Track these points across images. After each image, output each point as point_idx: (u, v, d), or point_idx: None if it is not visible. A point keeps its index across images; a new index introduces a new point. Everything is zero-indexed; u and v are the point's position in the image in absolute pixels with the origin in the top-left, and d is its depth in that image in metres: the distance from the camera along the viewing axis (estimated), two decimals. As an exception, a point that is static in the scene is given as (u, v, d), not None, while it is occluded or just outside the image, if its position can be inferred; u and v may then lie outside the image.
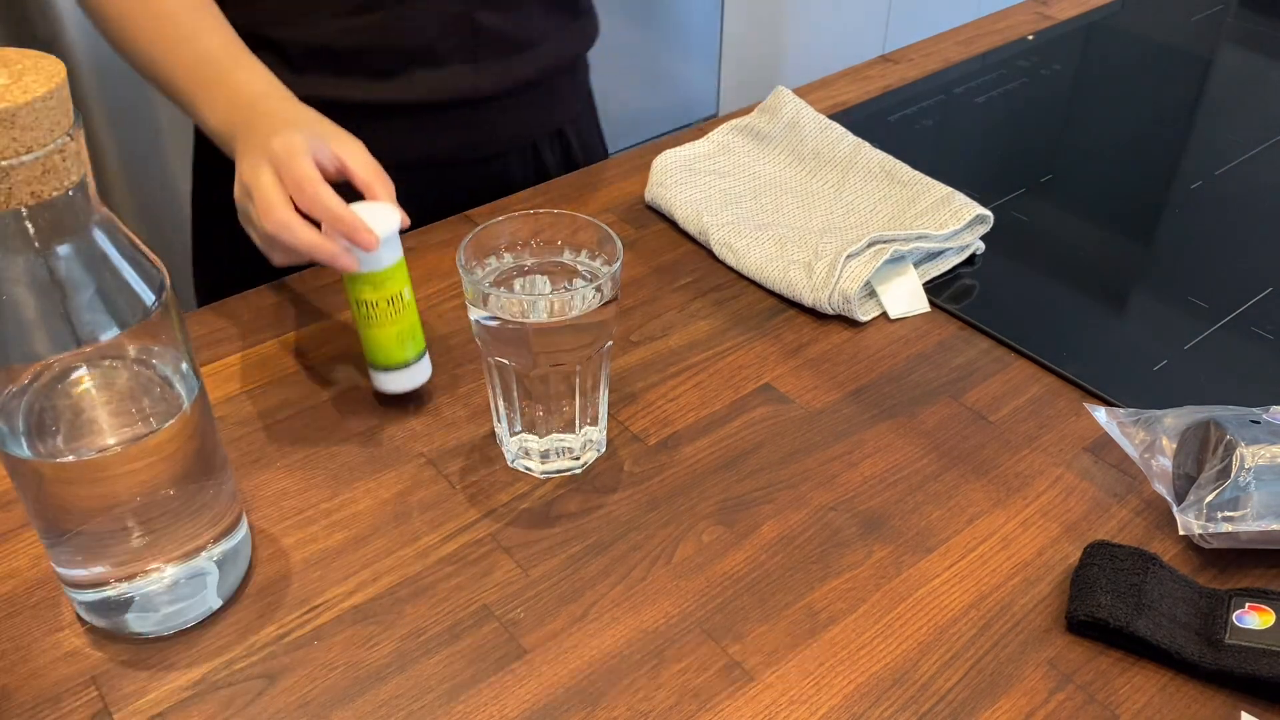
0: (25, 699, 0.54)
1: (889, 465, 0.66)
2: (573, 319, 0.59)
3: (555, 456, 0.65)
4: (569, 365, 0.61)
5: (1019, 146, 0.98)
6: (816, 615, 0.57)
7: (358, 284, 0.65)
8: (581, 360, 0.61)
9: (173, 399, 0.52)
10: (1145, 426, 0.63)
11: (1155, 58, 1.14)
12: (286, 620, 0.57)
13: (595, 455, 0.66)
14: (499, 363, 0.62)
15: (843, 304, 0.76)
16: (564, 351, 0.60)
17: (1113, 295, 0.80)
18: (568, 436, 0.64)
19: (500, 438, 0.66)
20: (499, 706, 0.53)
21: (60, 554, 0.54)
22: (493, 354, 0.61)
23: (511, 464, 0.66)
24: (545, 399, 0.62)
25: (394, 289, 0.65)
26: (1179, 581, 0.57)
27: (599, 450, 0.67)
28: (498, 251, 0.64)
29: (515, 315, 0.59)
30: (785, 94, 0.94)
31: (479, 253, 0.63)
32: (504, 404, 0.64)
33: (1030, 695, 0.54)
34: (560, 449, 0.65)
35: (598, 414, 0.65)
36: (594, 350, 0.61)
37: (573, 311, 0.59)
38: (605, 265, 0.63)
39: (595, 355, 0.62)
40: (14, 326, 0.46)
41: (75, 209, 0.45)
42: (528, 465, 0.65)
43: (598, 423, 0.65)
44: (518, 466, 0.66)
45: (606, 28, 0.97)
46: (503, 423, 0.65)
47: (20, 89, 0.42)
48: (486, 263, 0.64)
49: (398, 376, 0.68)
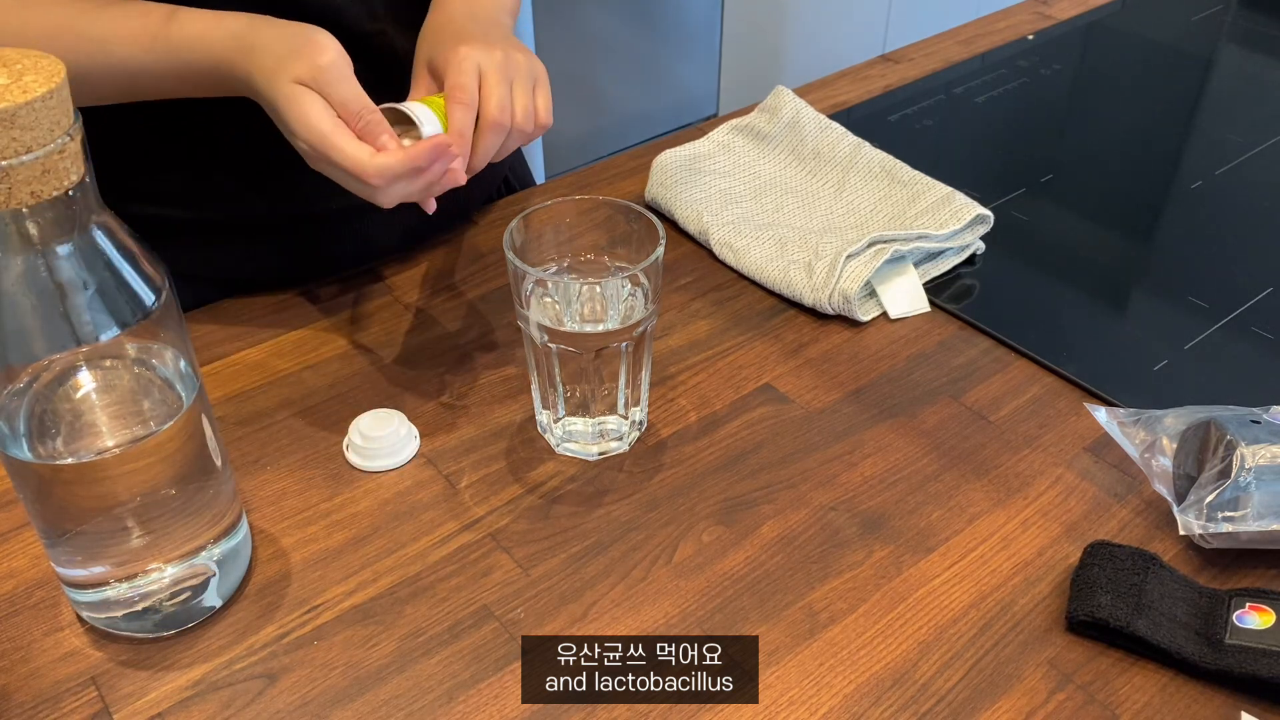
0: (25, 699, 0.54)
1: (889, 465, 0.66)
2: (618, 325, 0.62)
3: (602, 439, 0.66)
4: (615, 350, 0.62)
5: (1019, 146, 0.98)
6: (816, 615, 0.57)
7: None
8: (630, 342, 0.62)
9: (173, 399, 0.52)
10: (1145, 426, 0.63)
11: (1155, 58, 1.14)
12: (286, 620, 0.57)
13: (637, 435, 0.67)
14: (555, 349, 0.62)
15: (843, 304, 0.76)
16: (611, 339, 0.62)
17: (1113, 295, 0.80)
18: (611, 419, 0.65)
19: (544, 425, 0.67)
20: (499, 706, 0.53)
21: (60, 554, 0.54)
22: (551, 342, 0.62)
23: (558, 449, 0.67)
24: (596, 383, 0.63)
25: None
26: (1179, 581, 0.57)
27: (641, 429, 0.68)
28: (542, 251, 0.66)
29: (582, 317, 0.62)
30: (785, 94, 0.94)
31: (527, 254, 0.65)
32: (551, 391, 0.65)
33: (1030, 695, 0.54)
34: (605, 431, 0.66)
35: (641, 395, 0.66)
36: (639, 334, 0.63)
37: (612, 315, 0.62)
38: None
39: (641, 339, 0.63)
40: (14, 326, 0.46)
41: (75, 209, 0.45)
42: (573, 449, 0.67)
43: (640, 403, 0.66)
44: (564, 451, 0.67)
45: (607, 28, 0.97)
46: (548, 410, 0.66)
47: (20, 89, 0.42)
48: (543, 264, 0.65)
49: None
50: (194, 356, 0.53)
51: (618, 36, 2.26)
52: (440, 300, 0.79)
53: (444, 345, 0.75)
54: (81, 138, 0.44)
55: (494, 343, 0.75)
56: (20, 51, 0.44)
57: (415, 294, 0.80)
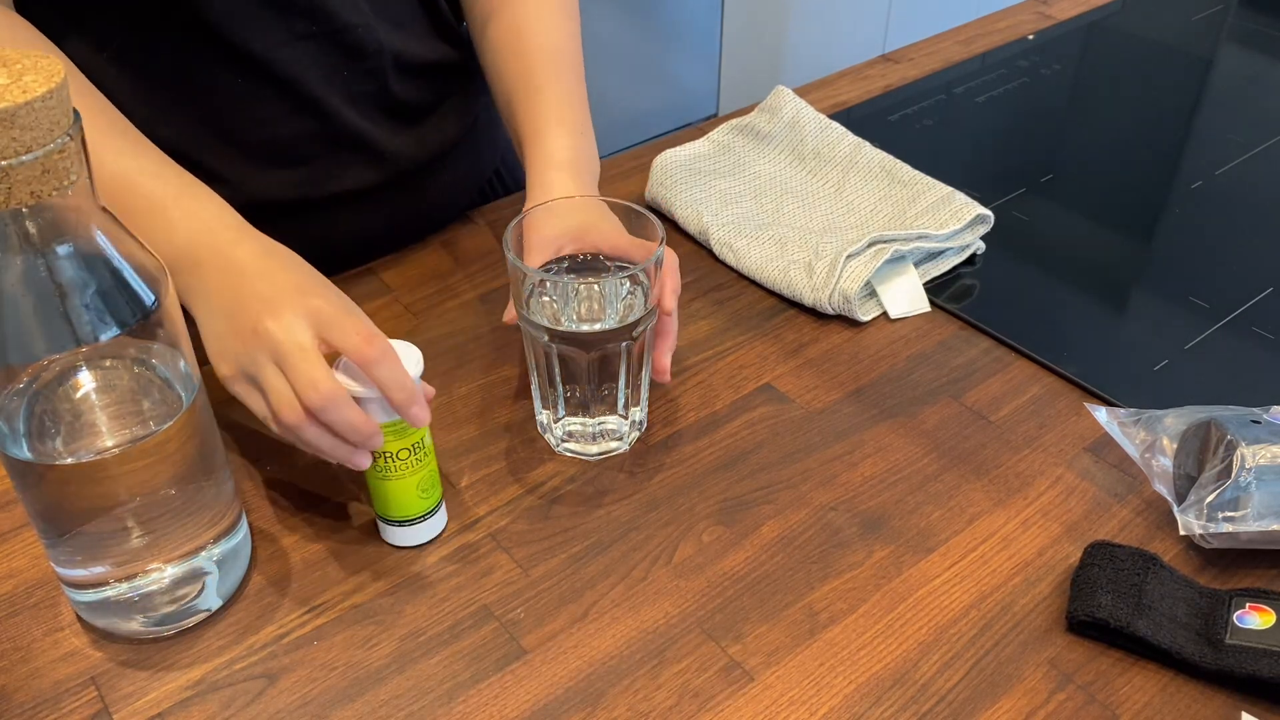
0: (25, 699, 0.53)
1: (889, 465, 0.66)
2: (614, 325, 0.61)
3: (602, 439, 0.66)
4: (614, 349, 0.62)
5: (1019, 146, 0.98)
6: (816, 615, 0.57)
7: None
8: (629, 341, 0.62)
9: (172, 399, 0.52)
10: (1146, 426, 0.63)
11: (1155, 58, 1.14)
12: (286, 620, 0.57)
13: (637, 435, 0.67)
14: (554, 349, 0.62)
15: (843, 304, 0.76)
16: (609, 341, 0.62)
17: (1113, 295, 0.80)
18: (611, 419, 0.65)
19: (544, 425, 0.67)
20: (499, 706, 0.53)
21: (60, 554, 0.53)
22: (550, 341, 0.62)
23: (557, 450, 0.67)
24: (595, 383, 0.63)
25: (415, 436, 0.57)
26: (1179, 582, 0.57)
27: (641, 429, 0.68)
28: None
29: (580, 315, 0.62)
30: (785, 94, 0.94)
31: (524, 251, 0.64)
32: (550, 391, 0.64)
33: (1031, 695, 0.54)
34: (606, 431, 0.66)
35: (641, 395, 0.66)
36: (638, 334, 0.62)
37: (610, 314, 0.62)
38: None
39: (641, 338, 0.63)
40: (14, 326, 0.46)
41: (75, 209, 0.45)
42: (573, 449, 0.66)
43: (640, 403, 0.66)
44: (564, 451, 0.67)
45: (606, 28, 0.97)
46: (549, 410, 0.66)
47: (20, 89, 0.42)
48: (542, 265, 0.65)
49: (417, 530, 0.60)
50: (194, 356, 0.53)
51: (618, 36, 2.26)
52: (440, 300, 0.79)
53: (444, 345, 0.75)
54: (81, 138, 0.44)
55: (494, 343, 0.75)
56: (20, 51, 0.44)
57: (415, 294, 0.80)
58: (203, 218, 0.61)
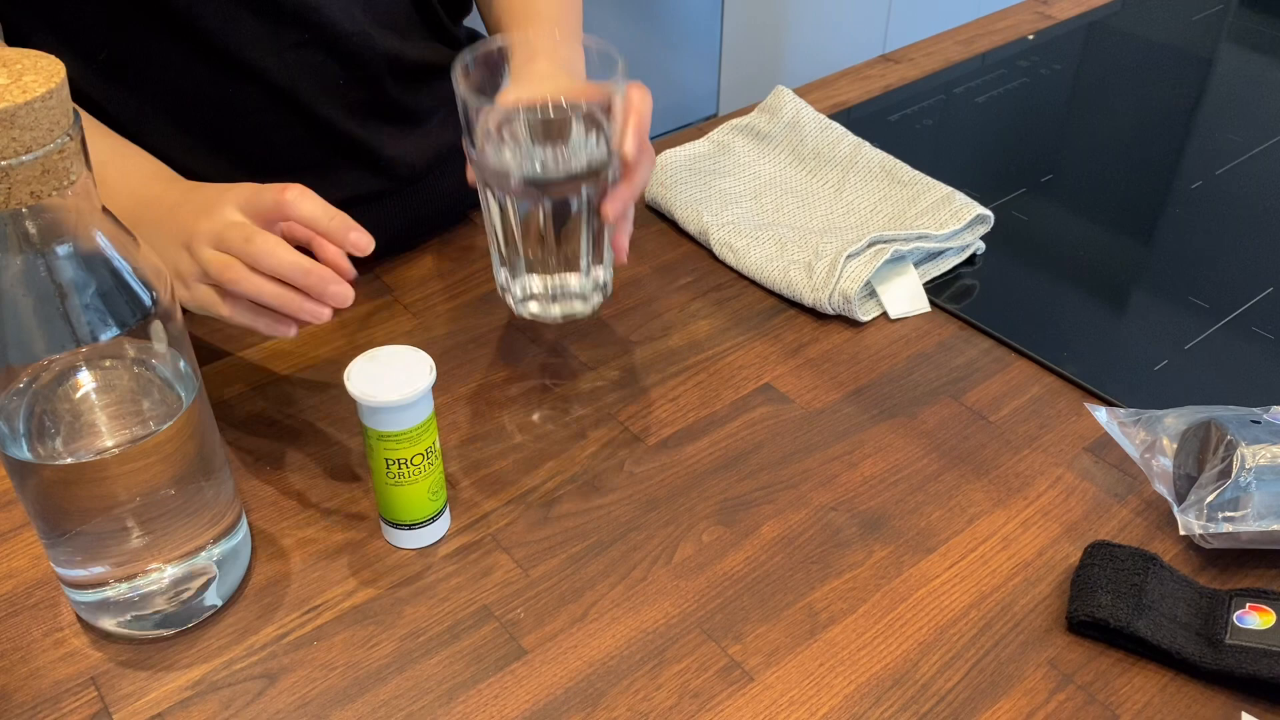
0: (25, 699, 0.53)
1: (889, 465, 0.66)
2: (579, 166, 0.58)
3: (564, 299, 0.62)
4: (576, 200, 0.58)
5: (1019, 146, 0.98)
6: (816, 615, 0.57)
7: (386, 443, 0.56)
8: (592, 189, 0.58)
9: (172, 399, 0.52)
10: (1146, 426, 0.63)
11: (1155, 58, 1.14)
12: (286, 620, 0.57)
13: (601, 299, 0.64)
14: (512, 201, 0.58)
15: (843, 304, 0.76)
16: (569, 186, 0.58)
17: (1113, 295, 0.80)
18: (573, 277, 0.61)
19: (503, 285, 0.63)
20: (499, 706, 0.53)
21: (60, 554, 0.53)
22: (507, 191, 0.58)
23: (517, 312, 0.63)
24: (555, 237, 0.59)
25: (427, 441, 0.58)
26: (1179, 582, 0.57)
27: (605, 294, 0.64)
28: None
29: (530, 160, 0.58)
30: (785, 94, 0.94)
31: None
32: (508, 246, 0.60)
33: (1031, 695, 0.54)
34: (567, 289, 0.62)
35: (603, 252, 0.61)
36: (600, 180, 0.59)
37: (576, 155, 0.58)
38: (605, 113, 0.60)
39: (604, 187, 0.59)
40: (14, 326, 0.46)
41: (75, 209, 0.45)
42: (534, 310, 0.62)
43: (604, 261, 0.62)
44: (523, 313, 0.63)
45: (606, 28, 0.97)
46: (506, 267, 0.62)
47: (20, 89, 0.42)
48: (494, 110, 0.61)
49: (425, 532, 0.61)
50: (194, 356, 0.53)
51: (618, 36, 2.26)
52: (440, 300, 0.79)
53: (444, 345, 0.75)
54: (81, 138, 0.44)
55: (494, 343, 0.75)
56: (20, 51, 0.44)
57: (415, 294, 0.80)
58: (139, 175, 0.65)
